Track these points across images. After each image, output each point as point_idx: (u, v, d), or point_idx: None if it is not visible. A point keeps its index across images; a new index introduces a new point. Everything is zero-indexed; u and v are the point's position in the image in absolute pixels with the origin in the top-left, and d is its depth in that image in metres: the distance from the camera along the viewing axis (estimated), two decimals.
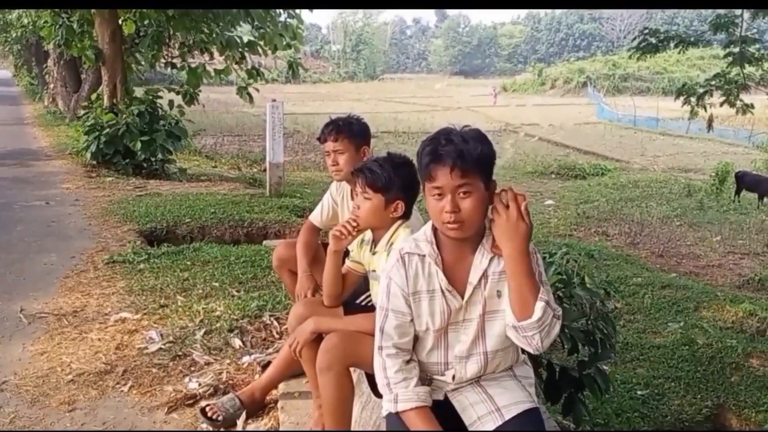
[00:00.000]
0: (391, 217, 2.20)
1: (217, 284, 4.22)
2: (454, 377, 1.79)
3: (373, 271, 2.28)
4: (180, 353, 3.15)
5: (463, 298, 1.74)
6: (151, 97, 10.29)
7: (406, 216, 2.21)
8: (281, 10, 11.54)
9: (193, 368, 3.02)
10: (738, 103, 8.65)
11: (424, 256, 1.77)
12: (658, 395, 4.76)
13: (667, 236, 9.48)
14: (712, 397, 4.74)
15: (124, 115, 9.64)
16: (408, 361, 1.77)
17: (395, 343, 1.76)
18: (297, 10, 11.73)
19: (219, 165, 14.13)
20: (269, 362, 2.84)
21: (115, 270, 4.66)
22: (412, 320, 1.77)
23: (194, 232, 6.32)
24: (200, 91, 12.02)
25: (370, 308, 2.33)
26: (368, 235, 2.34)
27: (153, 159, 9.95)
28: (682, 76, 47.59)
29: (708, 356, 5.22)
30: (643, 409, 4.44)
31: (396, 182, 2.17)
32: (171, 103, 10.80)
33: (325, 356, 2.02)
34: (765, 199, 12.29)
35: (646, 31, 8.72)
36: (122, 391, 2.86)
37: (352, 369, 2.21)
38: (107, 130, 9.54)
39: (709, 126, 9.96)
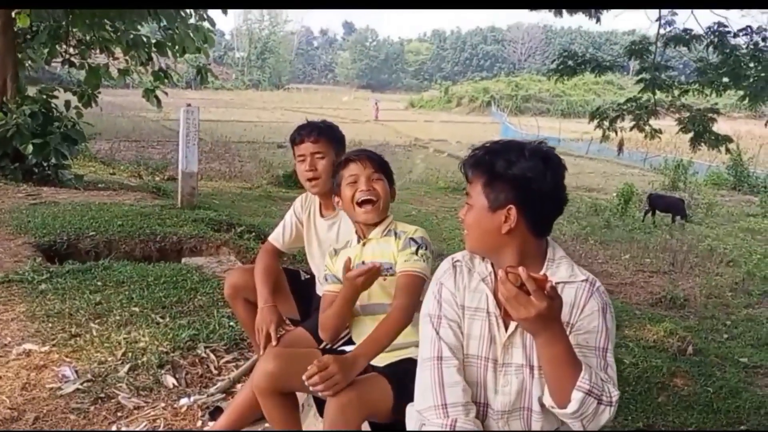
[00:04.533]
0: (389, 203, 2.13)
1: (136, 309, 3.71)
2: None
3: (362, 263, 2.05)
4: (102, 395, 2.67)
5: (507, 330, 1.53)
6: (45, 97, 9.46)
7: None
8: (191, 11, 10.99)
9: (120, 413, 2.56)
10: (647, 127, 9.01)
11: (471, 270, 1.59)
12: None
13: (580, 254, 9.72)
14: (642, 418, 4.76)
15: (15, 115, 8.76)
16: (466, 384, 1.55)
17: (455, 354, 1.55)
18: (208, 13, 11.22)
19: (118, 172, 13.32)
20: (217, 407, 2.46)
21: (12, 291, 4.03)
22: (462, 332, 1.56)
23: (100, 247, 5.70)
24: (100, 92, 11.24)
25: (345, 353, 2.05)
26: (342, 244, 2.23)
27: (46, 164, 9.16)
28: (580, 99, 50.59)
29: (635, 376, 5.27)
30: None
31: (389, 165, 2.19)
32: (68, 103, 9.97)
33: (340, 415, 1.73)
34: (677, 219, 12.96)
35: (565, 54, 8.91)
36: None
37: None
38: None
39: (620, 149, 10.35)
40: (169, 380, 2.84)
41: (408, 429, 1.65)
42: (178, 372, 2.93)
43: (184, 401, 2.66)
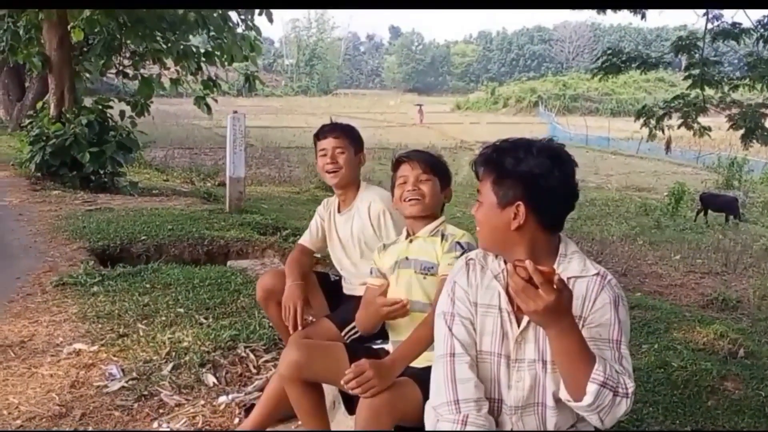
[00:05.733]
0: (441, 203, 2.15)
1: (182, 310, 3.86)
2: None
3: (406, 258, 2.11)
4: (145, 392, 2.80)
5: (519, 326, 1.56)
6: (100, 107, 9.85)
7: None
8: (239, 21, 11.28)
9: (161, 410, 2.68)
10: (695, 125, 8.76)
11: (484, 267, 1.62)
12: (637, 420, 4.63)
13: (629, 255, 9.52)
14: (691, 422, 4.65)
15: (72, 125, 9.16)
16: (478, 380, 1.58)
17: (468, 350, 1.59)
18: (255, 22, 11.48)
19: (171, 178, 13.70)
20: (252, 404, 2.54)
21: (66, 293, 4.24)
22: (475, 329, 1.60)
23: (150, 251, 5.91)
24: (152, 101, 11.62)
25: (373, 351, 2.10)
26: (392, 239, 2.27)
27: (102, 171, 9.54)
28: (629, 97, 49.42)
29: (683, 379, 5.14)
30: None
31: (445, 167, 2.19)
32: (122, 113, 10.37)
33: (372, 418, 1.77)
34: (731, 219, 12.56)
35: (609, 51, 8.75)
36: None
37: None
38: (53, 140, 9.06)
39: (668, 148, 10.10)
40: (210, 379, 2.94)
41: (426, 425, 1.69)
42: (219, 371, 3.04)
43: (222, 399, 2.76)
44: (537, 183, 1.51)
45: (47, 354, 3.25)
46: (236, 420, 2.61)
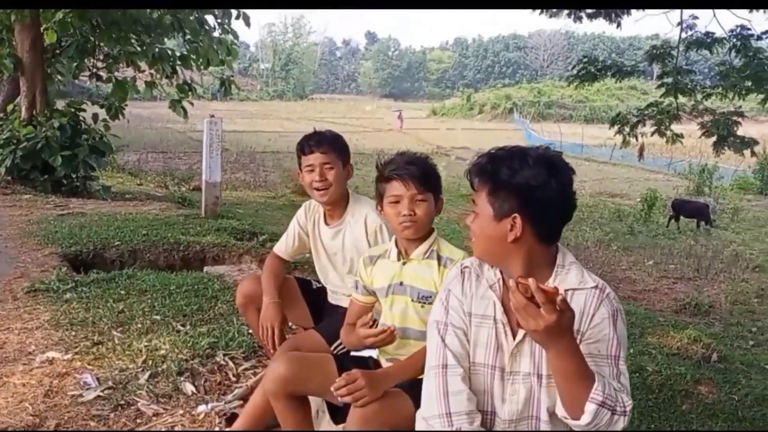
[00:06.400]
0: (434, 218, 2.07)
1: (158, 317, 3.78)
2: None
3: (400, 284, 2.04)
4: (122, 402, 2.73)
5: (514, 338, 1.53)
6: (73, 110, 9.69)
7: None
8: (216, 25, 11.18)
9: (139, 420, 2.61)
10: (668, 132, 8.91)
11: (480, 276, 1.59)
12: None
13: (603, 260, 9.64)
14: (666, 427, 4.71)
15: (44, 128, 8.99)
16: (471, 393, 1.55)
17: (461, 362, 1.55)
18: (231, 26, 11.39)
19: (144, 183, 13.54)
20: (233, 414, 2.50)
21: (38, 300, 4.13)
22: (468, 340, 1.57)
23: (125, 257, 5.81)
24: (126, 105, 11.46)
25: (362, 360, 2.07)
26: (379, 251, 2.15)
27: (74, 175, 9.39)
28: (603, 104, 50.19)
29: (658, 384, 5.21)
30: None
31: (438, 177, 2.10)
32: (95, 116, 10.19)
33: (364, 428, 1.77)
34: (702, 225, 12.78)
35: (586, 59, 8.87)
36: None
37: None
38: (24, 143, 8.88)
39: (641, 155, 10.25)
40: (188, 387, 2.88)
41: None
42: (197, 379, 2.98)
43: (201, 408, 2.70)
44: (533, 195, 1.47)
45: (19, 362, 3.15)
46: (216, 429, 2.56)
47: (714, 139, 7.83)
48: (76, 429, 2.53)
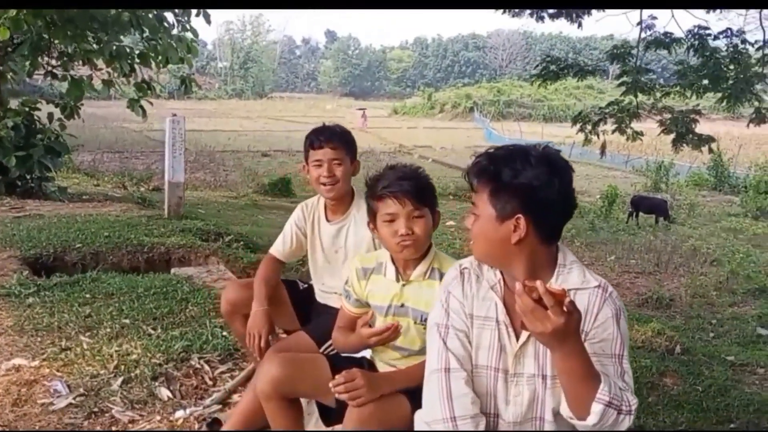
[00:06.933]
0: (431, 234, 1.97)
1: (127, 321, 3.67)
2: None
3: (401, 306, 1.97)
4: (95, 409, 2.64)
5: (518, 340, 1.52)
6: (27, 109, 9.39)
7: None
8: (175, 22, 10.96)
9: (114, 428, 2.53)
10: (629, 130, 9.10)
11: (479, 277, 1.57)
12: None
13: None
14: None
15: None
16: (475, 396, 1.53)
17: (463, 364, 1.52)
18: (191, 24, 11.18)
19: (102, 183, 13.22)
20: (216, 419, 2.44)
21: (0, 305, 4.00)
22: (470, 342, 1.54)
23: (87, 259, 5.64)
24: (82, 104, 11.14)
25: (356, 361, 2.04)
26: (371, 262, 2.06)
27: (29, 176, 9.08)
28: (561, 104, 51.06)
29: None
30: None
31: (433, 190, 2.00)
32: (50, 116, 9.89)
33: (361, 429, 1.74)
34: (660, 220, 13.10)
35: (548, 59, 8.99)
36: None
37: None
38: None
39: (602, 152, 10.43)
40: (164, 392, 2.81)
41: None
42: (173, 384, 2.90)
43: (180, 414, 2.63)
44: (537, 195, 1.45)
45: None
46: None
47: (673, 136, 8.02)
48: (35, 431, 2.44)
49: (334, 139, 2.43)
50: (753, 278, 8.51)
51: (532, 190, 1.45)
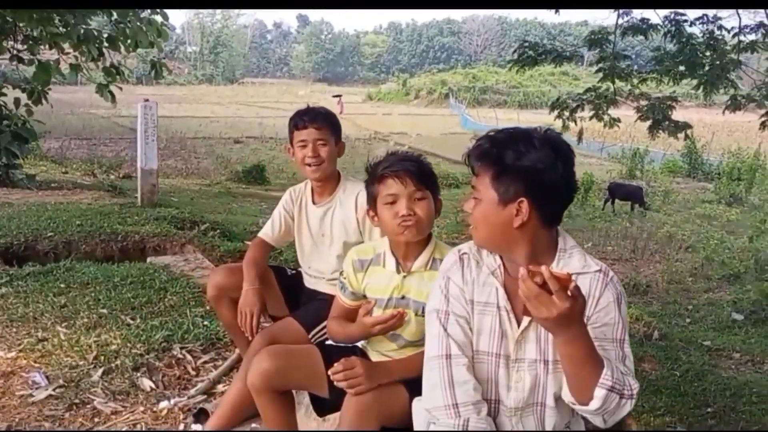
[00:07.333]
0: (433, 220, 1.92)
1: (105, 311, 3.57)
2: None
3: (402, 297, 1.92)
4: (76, 400, 2.56)
5: (519, 325, 1.49)
6: None
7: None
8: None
9: (97, 419, 2.45)
10: (605, 117, 9.14)
11: (479, 263, 1.54)
12: None
13: None
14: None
15: None
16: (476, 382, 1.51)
17: (465, 351, 1.50)
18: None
19: (70, 171, 12.93)
20: (202, 409, 2.37)
21: None
22: (471, 328, 1.51)
23: (59, 248, 5.51)
24: (50, 89, 10.84)
25: (349, 350, 1.99)
26: (369, 254, 1.99)
27: None
28: (536, 90, 51.28)
29: None
30: None
31: (434, 175, 1.96)
32: (17, 101, 9.60)
33: (357, 419, 1.70)
34: (636, 207, 13.24)
35: (526, 44, 8.95)
36: None
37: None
38: None
39: (579, 138, 10.48)
40: (146, 383, 2.74)
41: (415, 423, 1.62)
42: (155, 374, 2.83)
43: (164, 404, 2.56)
44: (540, 178, 1.43)
45: None
46: (181, 426, 2.43)
47: (649, 123, 8.06)
48: (32, 429, 2.36)
49: (318, 119, 2.44)
50: (727, 264, 8.66)
51: (536, 173, 1.43)
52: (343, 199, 2.46)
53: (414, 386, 1.70)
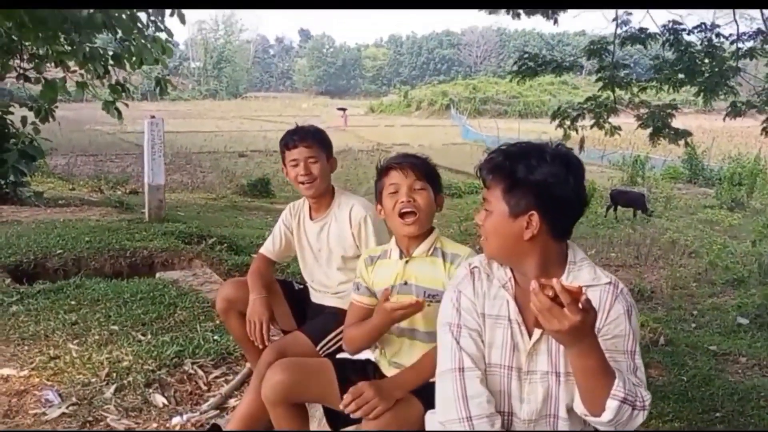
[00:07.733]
0: (434, 213, 1.99)
1: (116, 327, 3.63)
2: None
3: (405, 283, 1.97)
4: (90, 418, 2.60)
5: (530, 338, 1.52)
6: (0, 113, 9.20)
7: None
8: (149, 23, 10.82)
9: None
10: (606, 125, 9.19)
11: (490, 276, 1.56)
12: None
13: None
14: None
15: None
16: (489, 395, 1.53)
17: (477, 364, 1.52)
18: (166, 24, 11.04)
19: (77, 187, 13.01)
20: (215, 425, 2.41)
21: None
22: (483, 341, 1.54)
23: (68, 265, 5.56)
24: (57, 106, 10.95)
25: (360, 364, 2.03)
26: (378, 251, 2.08)
27: (4, 182, 8.91)
28: (536, 100, 51.39)
29: None
30: None
31: (436, 171, 2.04)
32: (24, 119, 9.71)
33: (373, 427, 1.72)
34: (638, 213, 13.25)
35: (526, 55, 9.03)
36: None
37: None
38: None
39: (581, 147, 10.50)
40: (159, 399, 2.78)
41: None
42: (167, 390, 2.87)
43: (176, 420, 2.60)
44: (551, 192, 1.46)
45: None
46: None
47: (650, 130, 8.11)
48: (32, 429, 2.40)
49: (307, 137, 2.49)
50: (731, 269, 8.65)
51: (547, 187, 1.46)
52: (338, 214, 2.51)
53: (428, 399, 1.72)
